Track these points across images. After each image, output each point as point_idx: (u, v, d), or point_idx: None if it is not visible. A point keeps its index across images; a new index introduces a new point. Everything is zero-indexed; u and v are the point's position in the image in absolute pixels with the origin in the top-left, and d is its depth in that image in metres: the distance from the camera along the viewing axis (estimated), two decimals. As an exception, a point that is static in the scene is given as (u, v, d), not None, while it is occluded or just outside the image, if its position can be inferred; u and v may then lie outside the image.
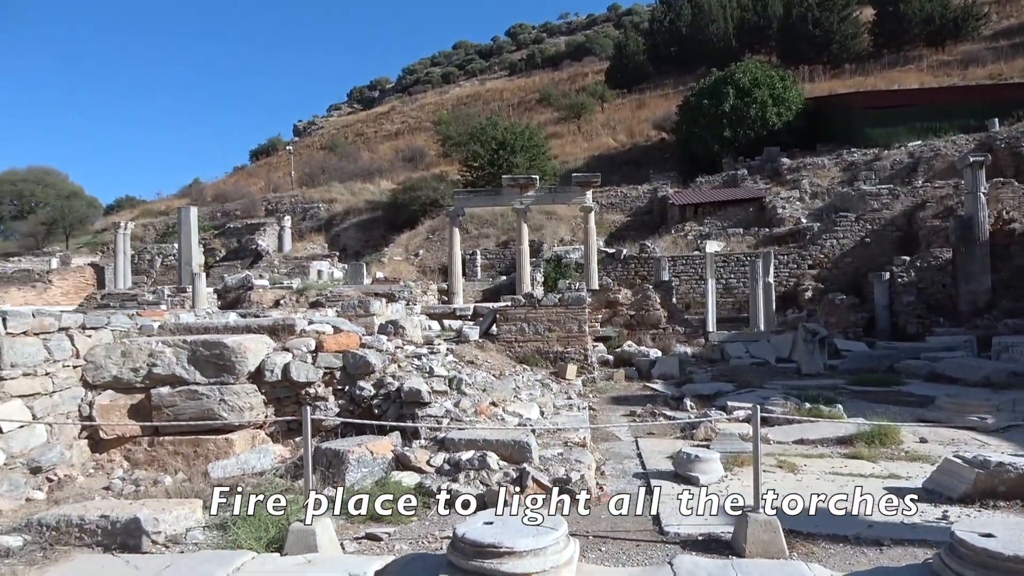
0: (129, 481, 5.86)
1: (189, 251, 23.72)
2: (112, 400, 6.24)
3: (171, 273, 27.72)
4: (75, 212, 38.50)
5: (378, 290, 18.41)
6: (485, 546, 3.36)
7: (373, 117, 58.83)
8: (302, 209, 34.33)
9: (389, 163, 39.76)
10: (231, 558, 3.86)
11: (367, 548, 4.59)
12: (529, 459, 5.76)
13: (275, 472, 5.92)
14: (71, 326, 6.17)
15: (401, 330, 8.23)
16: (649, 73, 45.44)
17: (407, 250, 28.56)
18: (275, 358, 6.50)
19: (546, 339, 11.19)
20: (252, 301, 19.58)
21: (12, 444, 5.37)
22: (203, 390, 6.21)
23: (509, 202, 20.74)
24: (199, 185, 44.66)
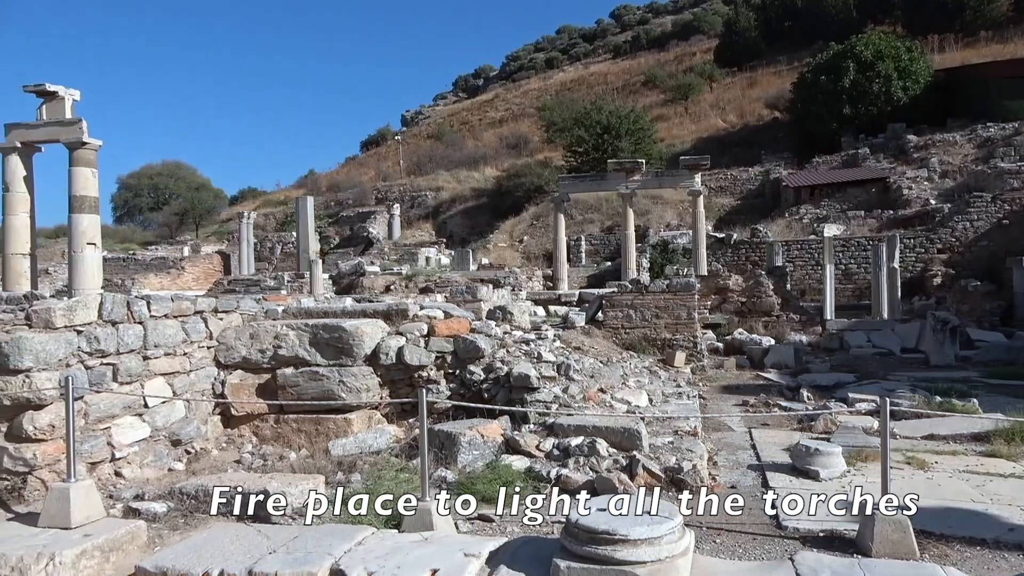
0: (257, 455, 6.23)
1: (306, 239, 24.88)
2: (241, 379, 6.65)
3: (290, 260, 29.17)
4: (204, 203, 41.17)
5: (484, 276, 18.70)
6: (599, 533, 3.35)
7: (477, 105, 59.49)
8: (410, 197, 35.25)
9: (493, 150, 40.12)
10: (353, 532, 4.03)
11: (479, 529, 4.69)
12: (639, 447, 5.70)
13: (390, 451, 6.13)
14: (205, 309, 6.61)
15: (509, 316, 8.31)
16: (761, 50, 43.58)
17: (511, 236, 28.79)
18: (390, 342, 6.72)
19: (653, 326, 11.02)
20: (364, 286, 20.33)
21: (156, 418, 5.82)
22: (323, 371, 6.50)
23: (614, 187, 20.51)
24: (314, 176, 46.66)
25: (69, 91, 16.11)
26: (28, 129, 16.06)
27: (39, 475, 4.89)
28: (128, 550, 4.36)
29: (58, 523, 4.39)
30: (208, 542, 4.02)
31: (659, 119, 37.12)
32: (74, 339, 5.20)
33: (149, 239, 37.43)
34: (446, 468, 5.59)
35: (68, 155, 15.84)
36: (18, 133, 16.07)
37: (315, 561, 3.63)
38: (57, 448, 4.91)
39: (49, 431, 4.87)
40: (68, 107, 15.95)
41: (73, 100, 16.14)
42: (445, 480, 5.40)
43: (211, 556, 3.78)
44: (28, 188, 16.42)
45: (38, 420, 4.84)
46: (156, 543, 4.53)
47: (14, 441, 4.87)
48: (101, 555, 4.20)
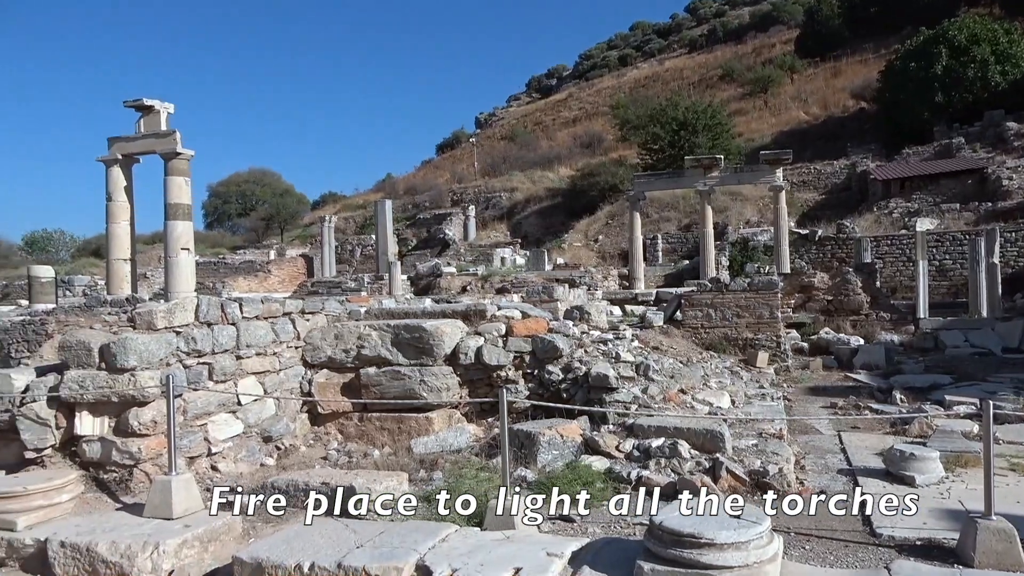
0: (343, 452, 6.42)
1: (385, 241, 25.46)
2: (327, 378, 6.86)
3: (369, 262, 29.88)
4: (288, 208, 42.64)
5: (559, 276, 18.67)
6: (684, 536, 3.30)
7: (551, 105, 59.49)
8: (485, 198, 35.56)
9: (567, 150, 40.05)
10: (437, 529, 4.10)
11: (560, 529, 4.70)
12: (722, 449, 5.59)
13: (470, 450, 6.21)
14: (293, 311, 6.85)
15: (586, 315, 8.28)
16: (845, 38, 41.94)
17: (586, 236, 28.66)
18: (468, 342, 6.80)
19: (734, 325, 10.76)
20: (441, 287, 20.63)
21: (248, 415, 6.08)
22: (405, 371, 6.64)
23: (691, 184, 20.13)
24: (391, 179, 47.65)
25: (164, 105, 16.98)
26: (128, 142, 17.03)
27: (143, 468, 5.19)
28: (225, 541, 4.58)
29: (161, 514, 4.64)
30: (299, 535, 4.17)
31: (737, 113, 36.24)
32: (173, 339, 5.49)
33: (237, 243, 39.04)
34: (525, 468, 5.62)
35: (163, 165, 16.72)
36: (119, 146, 17.06)
37: (401, 556, 3.71)
38: (159, 443, 5.19)
39: (152, 427, 5.15)
40: (163, 120, 16.82)
41: (168, 113, 17.00)
42: (525, 479, 5.43)
43: (302, 549, 3.92)
44: (128, 197, 17.40)
45: (142, 416, 5.13)
46: (250, 535, 4.73)
47: (121, 436, 5.17)
48: (200, 545, 4.42)
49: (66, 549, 4.34)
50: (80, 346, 5.25)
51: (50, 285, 19.99)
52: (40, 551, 4.43)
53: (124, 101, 16.94)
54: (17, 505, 4.64)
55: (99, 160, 17.24)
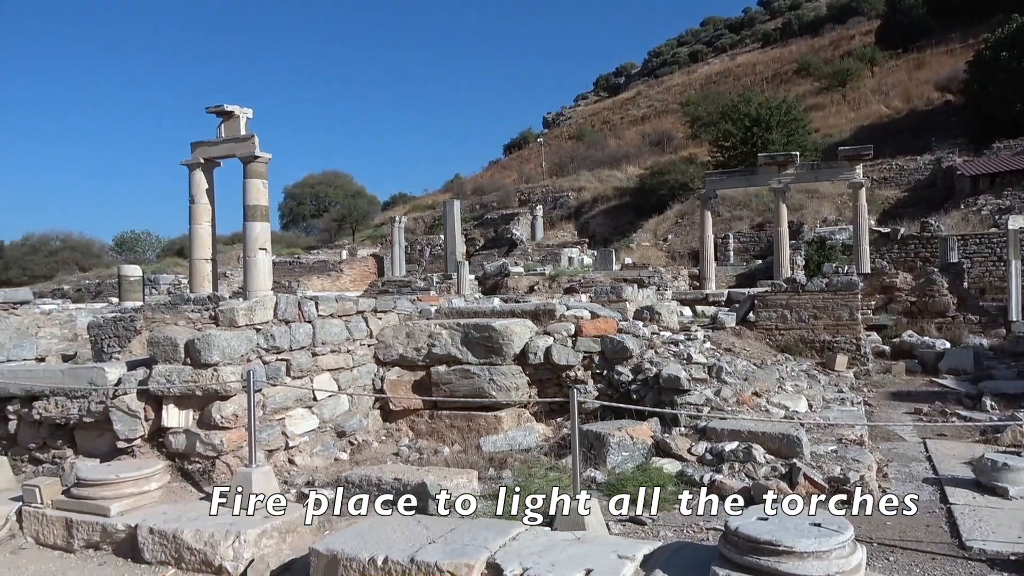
0: (414, 449, 6.52)
1: (453, 241, 25.74)
2: (399, 376, 6.98)
3: (438, 261, 30.26)
4: (359, 209, 43.60)
5: (627, 276, 18.49)
6: (761, 543, 3.21)
7: (619, 103, 58.95)
8: (552, 198, 35.51)
9: (636, 148, 39.59)
10: (507, 528, 4.11)
11: (631, 531, 4.65)
12: (799, 454, 5.42)
13: (539, 450, 6.21)
14: (366, 309, 7.00)
15: (656, 316, 8.17)
16: (929, 27, 40.06)
17: (655, 235, 28.29)
18: (538, 341, 6.80)
19: (811, 327, 10.43)
20: (508, 287, 20.72)
21: (323, 411, 6.24)
22: (474, 369, 6.69)
23: (765, 182, 19.62)
24: (459, 180, 48.13)
25: (243, 110, 17.61)
26: (209, 146, 17.73)
27: (225, 460, 5.38)
28: (301, 532, 4.71)
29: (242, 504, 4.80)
30: (372, 529, 4.25)
31: (814, 108, 35.08)
32: (254, 336, 5.68)
33: (311, 244, 40.15)
34: (595, 468, 5.58)
35: (242, 168, 17.34)
36: (201, 150, 17.78)
37: (472, 554, 3.73)
38: (240, 436, 5.38)
39: (233, 420, 5.34)
40: (242, 124, 17.44)
41: (247, 118, 17.62)
42: (595, 480, 5.40)
43: (376, 542, 3.99)
44: (210, 200, 18.11)
45: (224, 410, 5.33)
46: (325, 527, 4.85)
47: (204, 428, 5.38)
48: (279, 536, 4.56)
49: (154, 535, 4.55)
50: (167, 342, 5.49)
51: (138, 283, 20.98)
52: (131, 536, 4.66)
53: (206, 107, 17.64)
54: (110, 492, 4.89)
55: (183, 164, 18.02)
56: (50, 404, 5.74)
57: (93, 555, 4.78)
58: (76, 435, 5.78)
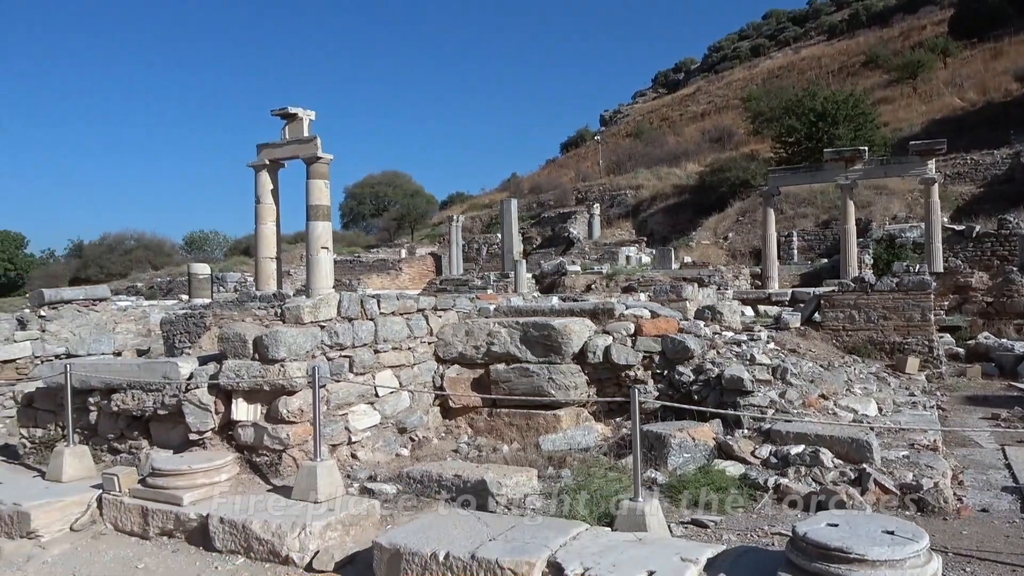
0: (473, 446, 6.57)
1: (510, 240, 25.81)
2: (458, 373, 7.04)
3: (495, 260, 30.39)
4: (417, 208, 44.14)
5: (687, 275, 18.22)
6: (831, 549, 3.12)
7: (678, 100, 58.12)
8: (610, 196, 35.25)
9: (695, 145, 38.96)
10: (567, 527, 4.10)
11: (693, 534, 4.58)
12: (869, 459, 5.25)
13: (598, 449, 6.17)
14: (426, 307, 7.08)
15: (718, 315, 8.03)
16: (1007, 15, 38.21)
17: (715, 234, 27.80)
18: (597, 340, 6.76)
19: (880, 328, 10.08)
20: (566, 285, 20.68)
21: (385, 407, 6.34)
22: (533, 368, 6.70)
23: (832, 178, 19.08)
24: (516, 179, 48.22)
25: (306, 112, 18.02)
26: (274, 148, 18.21)
27: (291, 453, 5.52)
28: (364, 526, 4.79)
29: (307, 497, 4.92)
30: (434, 525, 4.29)
31: (882, 102, 33.90)
32: (318, 333, 5.81)
33: (371, 243, 40.84)
34: (655, 469, 5.52)
35: (305, 169, 17.75)
36: (267, 152, 18.27)
37: (533, 552, 3.74)
38: (305, 430, 5.51)
39: (299, 414, 5.48)
40: (306, 126, 17.85)
41: (309, 120, 18.03)
42: (655, 481, 5.34)
43: (437, 538, 4.03)
44: (275, 200, 18.60)
45: (290, 404, 5.46)
46: (388, 522, 4.93)
47: (271, 422, 5.53)
48: (343, 528, 4.66)
49: (224, 525, 4.71)
50: (236, 338, 5.66)
51: (207, 281, 21.69)
52: (202, 525, 4.83)
53: (271, 110, 18.11)
54: (183, 482, 5.08)
55: (249, 165, 18.55)
56: (127, 396, 5.99)
57: (167, 542, 4.96)
58: (151, 427, 6.01)
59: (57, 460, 5.89)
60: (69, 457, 5.88)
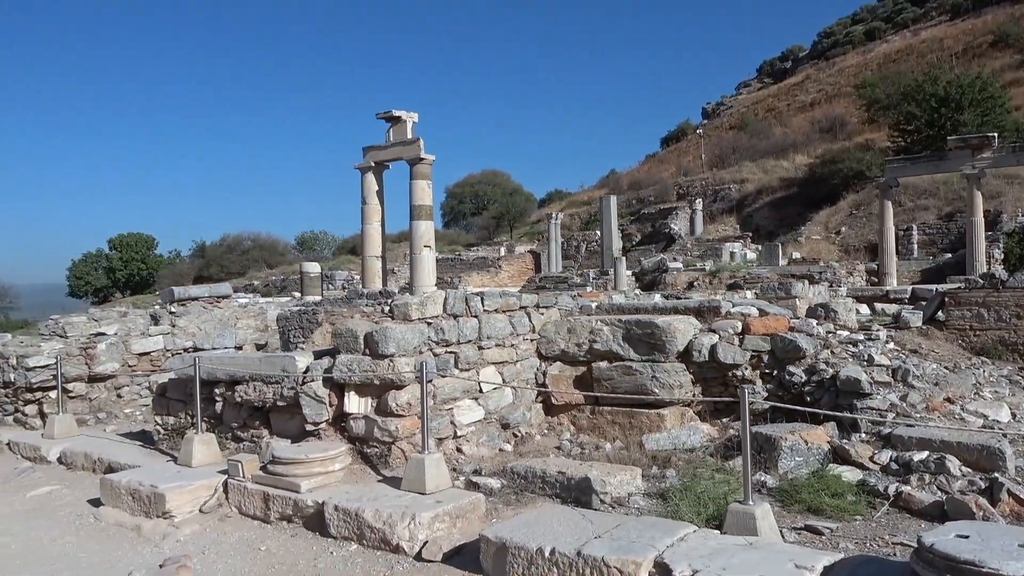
0: (575, 444, 6.57)
1: (610, 237, 25.60)
2: (560, 371, 7.06)
3: (594, 258, 30.22)
4: (516, 206, 44.47)
5: (795, 271, 17.52)
6: (960, 562, 2.94)
7: (785, 89, 55.85)
8: (712, 191, 34.33)
9: (804, 136, 37.32)
10: (674, 528, 4.05)
11: (807, 540, 4.41)
12: (1002, 468, 4.89)
13: (704, 450, 6.04)
14: (528, 305, 7.14)
15: (832, 314, 7.68)
16: None
17: (826, 228, 26.56)
18: (702, 339, 6.62)
19: (1013, 328, 9.34)
20: (667, 283, 20.32)
21: (489, 403, 6.44)
22: (636, 366, 6.63)
23: (956, 167, 17.86)
24: (615, 175, 47.73)
25: (410, 115, 18.51)
26: (379, 150, 18.81)
27: (399, 445, 5.70)
28: (470, 519, 4.90)
29: (415, 488, 5.08)
30: (539, 520, 4.34)
31: (1013, 84, 31.38)
32: (425, 330, 5.97)
33: (471, 241, 41.48)
34: (765, 472, 5.35)
35: (408, 170, 18.24)
36: (372, 154, 18.90)
37: (639, 551, 3.71)
38: (413, 424, 5.68)
39: (407, 408, 5.65)
40: (409, 128, 18.34)
41: (412, 122, 18.51)
42: (765, 485, 5.18)
43: (542, 533, 4.07)
44: (380, 201, 19.22)
45: (399, 398, 5.64)
46: (492, 515, 5.01)
47: (381, 415, 5.73)
48: (450, 520, 4.77)
49: (339, 512, 4.92)
50: (348, 334, 5.90)
51: (317, 279, 22.67)
52: (318, 512, 5.06)
53: (376, 113, 18.73)
54: (301, 470, 5.34)
55: (356, 168, 19.25)
56: (249, 388, 6.36)
57: (286, 527, 5.24)
58: (271, 417, 6.36)
59: (187, 446, 6.34)
60: (198, 444, 6.31)
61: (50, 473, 7.37)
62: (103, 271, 48.41)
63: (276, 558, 4.76)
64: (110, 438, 8.12)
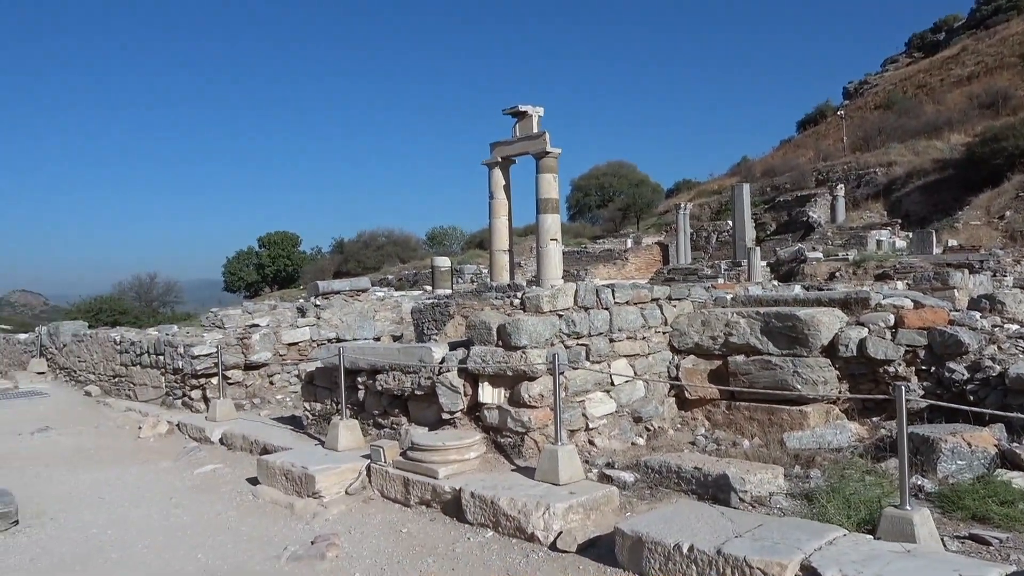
0: (710, 439, 6.38)
1: (742, 227, 24.66)
2: (694, 364, 6.87)
3: (725, 248, 29.24)
4: (643, 198, 43.81)
5: (952, 260, 16.16)
6: None
7: (938, 63, 51.47)
8: (856, 176, 32.27)
9: (960, 113, 34.27)
10: (822, 530, 3.85)
11: (972, 550, 4.05)
12: None
13: (852, 450, 5.69)
14: (660, 297, 7.01)
15: (999, 306, 7.00)
16: None
17: (988, 212, 24.30)
18: (849, 332, 6.23)
19: None
20: (805, 273, 19.32)
21: (621, 396, 6.38)
22: (776, 360, 6.34)
23: None
24: (747, 162, 45.89)
25: (535, 109, 18.62)
26: (505, 145, 19.06)
27: (532, 436, 5.76)
28: (604, 511, 4.88)
29: (549, 479, 5.12)
30: (675, 516, 4.25)
31: None
32: (556, 322, 5.99)
33: (597, 233, 41.24)
34: (922, 476, 4.97)
35: (534, 164, 18.36)
36: (499, 149, 19.19)
37: (784, 553, 3.56)
38: (545, 415, 5.72)
39: (539, 400, 5.70)
40: (535, 123, 18.45)
41: (538, 116, 18.60)
42: (922, 489, 4.81)
43: (679, 529, 3.99)
44: (506, 195, 19.49)
45: (531, 389, 5.70)
46: (626, 509, 4.97)
47: (514, 406, 5.81)
48: (584, 512, 4.78)
49: (475, 500, 5.04)
50: (482, 326, 6.03)
51: (447, 273, 23.35)
52: (455, 498, 5.22)
53: (502, 109, 18.97)
54: (438, 457, 5.52)
55: (484, 164, 19.60)
56: (389, 377, 6.64)
57: (425, 511, 5.44)
58: (409, 405, 6.61)
59: (333, 431, 6.71)
60: (343, 429, 6.66)
61: (213, 453, 8.04)
62: (253, 267, 52.12)
63: (417, 540, 4.95)
64: (264, 422, 8.74)
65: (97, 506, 6.29)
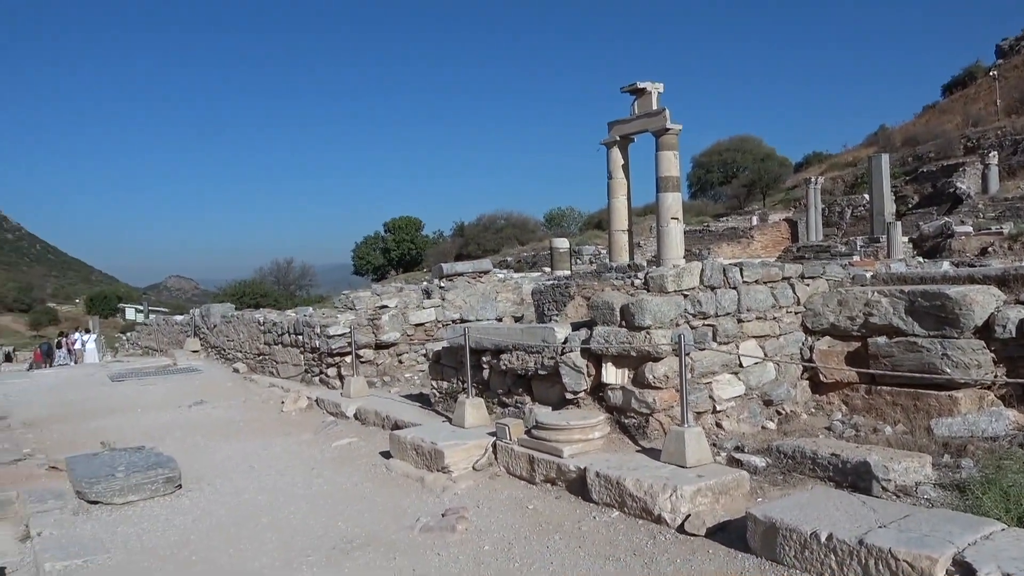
0: (848, 425, 6.06)
1: (881, 200, 23.12)
2: (829, 346, 6.54)
3: (860, 224, 27.53)
4: (769, 173, 41.91)
5: None
6: None
7: (1113, 11, 45.83)
8: (1011, 142, 29.44)
9: None
10: (976, 524, 3.59)
11: None
12: None
13: (1010, 440, 5.25)
14: (792, 275, 6.70)
15: None
16: None
17: None
18: (1007, 312, 5.72)
19: None
20: (953, 249, 17.94)
21: (749, 378, 6.18)
22: (922, 342, 5.92)
23: None
24: (885, 131, 42.82)
25: (655, 85, 18.18)
26: (624, 124, 18.76)
27: (656, 417, 5.70)
28: (734, 496, 4.75)
29: (675, 461, 5.04)
30: (811, 503, 4.09)
31: None
32: (681, 302, 5.87)
33: (720, 211, 39.89)
34: (1096, 470, 4.51)
35: (654, 142, 17.96)
36: (617, 128, 18.91)
37: (934, 546, 3.34)
38: (670, 396, 5.63)
39: (664, 380, 5.62)
40: (654, 100, 18.03)
41: (658, 93, 18.16)
42: (1096, 484, 4.36)
43: (816, 517, 3.83)
44: (625, 175, 19.21)
45: (656, 370, 5.63)
46: (758, 494, 4.82)
47: (638, 387, 5.76)
48: (712, 496, 4.68)
49: (600, 479, 5.05)
50: (605, 306, 6.00)
51: (566, 254, 23.33)
52: (580, 477, 5.25)
53: (620, 87, 18.67)
54: (562, 436, 5.57)
55: (602, 143, 19.39)
56: (513, 357, 6.75)
57: (550, 488, 5.51)
58: (532, 384, 6.70)
59: (460, 409, 6.91)
60: (469, 407, 6.85)
61: (348, 427, 8.48)
62: (380, 251, 54.23)
63: (543, 517, 5.03)
64: (394, 399, 9.13)
65: (247, 474, 6.81)
